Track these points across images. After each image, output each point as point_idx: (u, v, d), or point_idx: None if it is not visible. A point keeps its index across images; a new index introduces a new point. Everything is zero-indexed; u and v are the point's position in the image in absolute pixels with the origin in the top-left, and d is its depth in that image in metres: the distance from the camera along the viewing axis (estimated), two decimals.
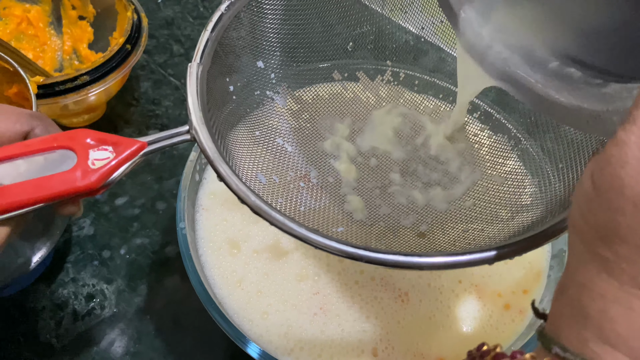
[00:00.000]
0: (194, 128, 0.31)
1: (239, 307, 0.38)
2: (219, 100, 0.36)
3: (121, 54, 0.51)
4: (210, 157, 0.30)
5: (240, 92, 0.39)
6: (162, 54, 0.67)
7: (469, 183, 0.39)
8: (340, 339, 0.37)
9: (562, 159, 0.35)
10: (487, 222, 0.36)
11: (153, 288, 0.50)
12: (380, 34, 0.45)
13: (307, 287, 0.40)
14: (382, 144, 0.42)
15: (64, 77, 0.48)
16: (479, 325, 0.39)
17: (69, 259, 0.51)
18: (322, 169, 0.41)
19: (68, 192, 0.28)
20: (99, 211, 0.54)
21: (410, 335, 0.38)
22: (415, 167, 0.42)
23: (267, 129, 0.41)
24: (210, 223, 0.42)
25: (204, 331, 0.47)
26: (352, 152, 0.42)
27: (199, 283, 0.36)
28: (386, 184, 0.40)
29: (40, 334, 0.47)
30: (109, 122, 0.61)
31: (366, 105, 0.45)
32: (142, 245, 0.52)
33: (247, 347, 0.35)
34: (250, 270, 0.40)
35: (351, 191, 0.39)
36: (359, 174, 0.41)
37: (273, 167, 0.38)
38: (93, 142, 0.29)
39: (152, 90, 0.64)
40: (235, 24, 0.36)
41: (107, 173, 0.29)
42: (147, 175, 0.57)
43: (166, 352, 0.46)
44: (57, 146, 0.29)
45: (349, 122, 0.44)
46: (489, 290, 0.40)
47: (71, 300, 0.49)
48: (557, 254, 0.41)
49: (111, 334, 0.47)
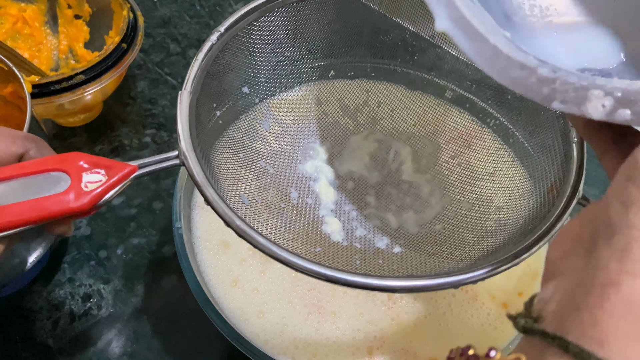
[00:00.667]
0: (183, 154, 0.32)
1: (235, 306, 0.38)
2: (206, 124, 0.38)
3: (117, 53, 0.51)
4: (198, 182, 0.31)
5: (225, 116, 0.41)
6: (158, 53, 0.67)
7: (438, 208, 0.41)
8: (335, 337, 0.37)
9: (524, 190, 0.38)
10: (455, 246, 0.38)
11: (150, 288, 0.50)
12: (355, 61, 0.48)
13: (302, 285, 0.40)
14: (359, 168, 0.44)
15: (60, 76, 0.48)
16: (476, 323, 0.39)
17: (66, 259, 0.51)
18: (302, 190, 0.43)
19: (61, 213, 0.29)
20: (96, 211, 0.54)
21: (404, 334, 0.38)
22: (389, 191, 0.43)
23: (250, 151, 0.43)
24: (205, 222, 0.42)
25: (201, 331, 0.47)
26: (331, 175, 0.44)
27: (195, 283, 0.36)
28: (362, 206, 0.42)
29: (37, 335, 0.47)
30: (105, 122, 0.60)
31: (345, 130, 0.47)
32: (138, 245, 0.52)
33: (243, 346, 0.34)
34: (246, 269, 0.40)
35: (329, 213, 0.41)
36: (336, 197, 0.43)
37: (256, 189, 0.40)
38: (86, 165, 0.30)
39: (148, 89, 0.64)
40: (223, 54, 0.38)
41: (99, 195, 0.30)
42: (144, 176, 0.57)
43: (163, 352, 0.46)
44: (51, 168, 0.30)
45: (329, 146, 0.46)
46: (484, 290, 0.40)
47: (68, 300, 0.49)
48: None
49: (108, 335, 0.47)
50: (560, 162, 0.35)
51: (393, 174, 0.45)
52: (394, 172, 0.45)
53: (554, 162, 0.36)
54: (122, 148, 0.59)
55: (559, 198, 0.33)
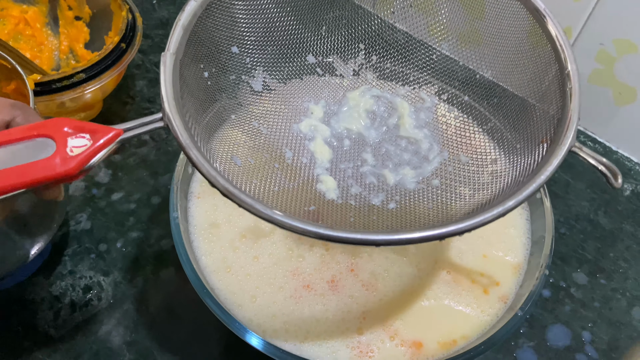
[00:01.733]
0: (167, 115, 0.32)
1: (230, 291, 0.40)
2: (194, 87, 0.37)
3: (116, 52, 0.53)
4: (182, 143, 0.31)
5: (215, 78, 0.40)
6: (157, 54, 0.69)
7: (436, 163, 0.41)
8: (326, 318, 0.39)
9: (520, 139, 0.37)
10: (451, 200, 0.37)
11: (149, 280, 0.51)
12: (352, 18, 0.46)
13: (292, 268, 0.41)
14: (356, 125, 0.44)
15: (61, 74, 0.50)
16: (464, 305, 0.40)
17: (67, 252, 0.52)
18: (296, 150, 0.42)
19: (48, 178, 0.30)
20: (96, 206, 0.55)
21: (392, 313, 0.39)
22: (387, 148, 0.43)
23: (242, 112, 0.42)
24: (201, 212, 0.44)
25: (198, 321, 0.48)
26: (326, 133, 0.43)
27: (191, 270, 0.38)
28: (358, 164, 0.42)
29: (39, 325, 0.48)
30: (105, 120, 0.62)
31: (340, 87, 0.46)
32: (137, 238, 0.54)
33: (238, 331, 0.36)
34: (239, 255, 0.41)
35: (324, 171, 0.40)
36: (332, 155, 0.42)
37: (248, 150, 0.39)
38: (71, 130, 0.31)
39: (147, 88, 0.65)
40: (207, 13, 0.37)
41: (85, 159, 0.30)
42: (143, 171, 0.58)
43: (162, 341, 0.48)
44: (37, 134, 0.31)
45: (324, 104, 0.45)
46: (466, 276, 0.41)
47: (69, 292, 0.50)
48: (538, 240, 0.42)
49: (108, 324, 0.48)
50: (556, 109, 0.35)
51: (391, 130, 0.44)
52: (392, 129, 0.44)
53: (546, 114, 0.36)
54: (121, 145, 0.60)
55: (550, 148, 0.33)
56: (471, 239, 0.43)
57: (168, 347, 0.47)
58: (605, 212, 0.58)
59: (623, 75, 0.58)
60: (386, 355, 0.37)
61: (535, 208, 0.44)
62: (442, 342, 0.38)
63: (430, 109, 0.45)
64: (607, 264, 0.54)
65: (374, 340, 0.38)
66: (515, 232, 0.44)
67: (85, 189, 0.57)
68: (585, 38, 0.58)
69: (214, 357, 0.47)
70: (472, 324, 0.39)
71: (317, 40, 0.46)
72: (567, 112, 0.34)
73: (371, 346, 0.38)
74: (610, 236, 0.56)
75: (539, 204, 0.43)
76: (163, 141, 0.61)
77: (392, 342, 0.38)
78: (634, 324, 0.51)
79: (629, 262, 0.55)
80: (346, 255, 0.42)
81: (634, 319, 0.51)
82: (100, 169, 0.58)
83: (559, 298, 0.52)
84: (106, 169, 0.58)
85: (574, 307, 0.51)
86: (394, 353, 0.37)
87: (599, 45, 0.58)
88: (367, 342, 0.38)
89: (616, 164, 0.62)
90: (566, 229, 0.57)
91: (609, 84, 0.60)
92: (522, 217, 0.45)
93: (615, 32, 0.56)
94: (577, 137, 0.66)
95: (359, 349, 0.37)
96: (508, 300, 0.40)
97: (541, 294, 0.52)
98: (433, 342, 0.38)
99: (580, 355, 0.49)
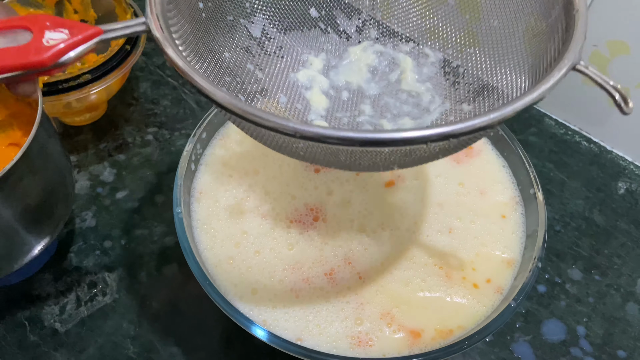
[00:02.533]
0: (148, 17, 0.31)
1: (231, 284, 0.41)
2: (186, 12, 0.35)
3: (121, 54, 0.54)
4: (159, 39, 0.30)
5: (210, 12, 0.38)
6: (160, 56, 0.70)
7: (437, 114, 0.39)
8: (325, 309, 0.40)
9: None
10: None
11: (152, 276, 0.52)
12: None
13: (291, 263, 0.42)
14: (355, 78, 0.42)
15: (67, 75, 0.51)
16: (459, 297, 0.41)
17: (72, 249, 0.54)
18: (291, 96, 0.40)
19: (21, 65, 0.30)
20: (101, 204, 0.57)
21: (389, 303, 0.40)
22: (387, 100, 0.42)
23: (238, 51, 0.40)
24: (203, 208, 0.45)
25: (201, 316, 0.50)
26: (325, 84, 0.42)
27: (194, 262, 0.39)
28: (355, 114, 0.40)
29: (45, 319, 0.49)
30: (109, 121, 0.63)
31: (342, 43, 0.45)
32: (141, 235, 0.55)
33: (242, 323, 0.37)
34: (241, 250, 0.42)
35: (319, 118, 0.39)
36: (329, 104, 0.41)
37: (240, 89, 0.38)
38: (50, 23, 0.31)
39: (150, 90, 0.67)
40: None
41: (61, 52, 0.30)
42: (147, 170, 0.60)
43: (165, 335, 0.49)
44: (16, 25, 0.31)
45: (324, 57, 0.44)
46: (457, 270, 0.42)
47: (74, 287, 0.51)
48: (531, 234, 0.43)
49: (112, 319, 0.49)
50: (561, 33, 0.33)
51: (392, 85, 0.43)
52: (393, 83, 0.43)
53: (554, 35, 0.34)
54: (125, 145, 0.62)
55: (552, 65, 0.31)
56: (465, 238, 0.44)
57: (171, 341, 0.48)
58: (600, 210, 0.59)
59: (617, 76, 0.60)
60: (385, 344, 0.38)
61: (529, 203, 0.45)
62: (440, 330, 0.39)
63: (435, 63, 0.43)
64: (602, 261, 0.55)
65: (373, 330, 0.39)
66: (509, 227, 0.45)
67: (90, 188, 0.58)
68: None
69: (216, 349, 0.48)
70: (469, 315, 0.40)
71: None
72: (571, 34, 0.31)
73: (370, 335, 0.39)
74: (605, 233, 0.57)
75: (532, 199, 0.44)
76: (166, 141, 0.62)
77: (390, 330, 0.39)
78: (628, 319, 0.52)
79: (623, 258, 0.56)
80: (343, 249, 0.43)
81: (628, 314, 0.52)
82: (105, 169, 0.59)
83: (554, 293, 0.53)
84: (111, 168, 0.60)
85: (569, 303, 0.52)
86: (392, 341, 0.38)
87: (593, 47, 0.59)
88: (366, 331, 0.39)
89: (611, 164, 0.63)
90: (561, 226, 0.58)
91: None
92: (516, 212, 0.46)
93: (608, 34, 0.58)
94: (572, 136, 0.67)
95: (358, 338, 0.38)
96: (504, 292, 0.41)
97: (537, 289, 0.53)
98: (430, 330, 0.39)
99: (575, 349, 0.50)
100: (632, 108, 0.30)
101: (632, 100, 0.61)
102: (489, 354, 0.49)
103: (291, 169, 0.48)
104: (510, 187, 0.47)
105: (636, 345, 0.50)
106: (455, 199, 0.47)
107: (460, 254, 0.43)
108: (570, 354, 0.49)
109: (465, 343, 0.36)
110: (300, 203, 0.45)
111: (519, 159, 0.47)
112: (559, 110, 0.67)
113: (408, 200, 0.46)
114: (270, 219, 0.44)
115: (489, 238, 0.44)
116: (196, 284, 0.40)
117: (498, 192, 0.47)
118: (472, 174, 0.48)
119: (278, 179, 0.47)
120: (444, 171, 0.48)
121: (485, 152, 0.50)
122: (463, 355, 0.49)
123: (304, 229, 0.44)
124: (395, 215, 0.45)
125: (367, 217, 0.45)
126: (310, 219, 0.44)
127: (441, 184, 0.48)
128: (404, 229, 0.44)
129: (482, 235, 0.44)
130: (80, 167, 0.60)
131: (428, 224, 0.45)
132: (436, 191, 0.47)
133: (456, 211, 0.46)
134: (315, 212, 0.45)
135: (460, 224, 0.45)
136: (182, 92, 0.67)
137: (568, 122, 0.67)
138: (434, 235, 0.44)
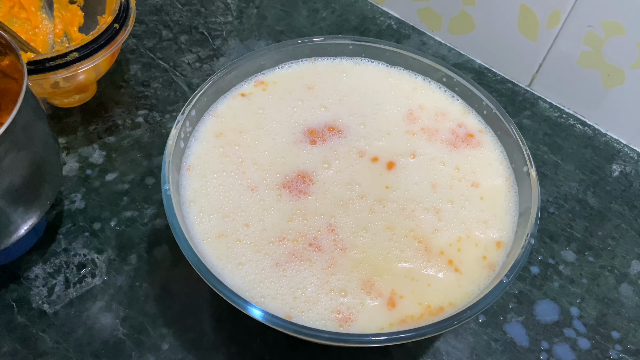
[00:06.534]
0: None
1: (217, 258, 0.40)
2: None
3: (109, 32, 0.53)
4: None
5: None
6: (151, 39, 0.69)
7: None
8: (312, 284, 0.39)
9: None
10: None
11: (142, 257, 0.52)
12: None
13: (278, 236, 0.42)
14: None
15: (54, 53, 0.50)
16: (443, 272, 0.41)
17: (61, 230, 0.53)
18: None
19: None
20: (90, 186, 0.56)
21: (375, 275, 0.40)
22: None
23: None
24: (192, 184, 0.44)
25: (191, 296, 0.49)
26: None
27: (182, 238, 0.38)
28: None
29: (33, 301, 0.49)
30: (99, 103, 0.63)
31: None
32: (131, 217, 0.54)
33: (227, 296, 0.36)
34: (228, 224, 0.42)
35: None
36: None
37: None
38: None
39: (141, 72, 0.66)
40: None
41: None
42: (137, 153, 0.59)
43: (155, 316, 0.48)
44: None
45: None
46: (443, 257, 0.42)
47: (63, 269, 0.51)
48: (524, 212, 0.43)
49: (102, 300, 0.49)
50: None
51: None
52: None
53: None
54: (115, 128, 0.61)
55: None
56: (453, 222, 0.44)
57: (161, 322, 0.48)
58: (594, 193, 0.59)
59: (611, 57, 0.59)
60: (368, 316, 0.38)
61: (522, 182, 0.44)
62: (430, 307, 0.39)
63: None
64: (596, 242, 0.55)
65: (355, 304, 0.39)
66: (502, 209, 0.44)
67: (79, 170, 0.57)
68: (574, 20, 0.59)
69: (206, 330, 0.47)
70: (459, 292, 0.39)
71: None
72: None
73: (356, 307, 0.38)
74: (599, 215, 0.57)
75: (526, 177, 0.43)
76: (157, 124, 0.61)
77: (374, 302, 0.39)
78: (622, 300, 0.51)
79: (617, 240, 0.55)
80: (325, 217, 0.43)
81: (622, 295, 0.52)
82: (95, 151, 0.59)
83: (547, 275, 0.53)
84: (100, 151, 0.59)
85: (563, 284, 0.52)
86: (377, 313, 0.38)
87: (587, 27, 0.59)
88: (349, 304, 0.39)
89: (605, 146, 0.63)
90: (555, 208, 0.57)
91: (597, 66, 0.61)
92: (510, 193, 0.45)
93: (603, 14, 0.57)
94: (566, 119, 0.66)
95: (345, 312, 0.38)
96: (496, 269, 0.41)
97: (530, 270, 0.53)
98: (414, 303, 0.39)
99: (568, 329, 0.49)
100: None
101: (627, 81, 0.61)
102: (481, 334, 0.48)
103: (284, 141, 0.47)
104: (505, 172, 0.46)
105: (630, 326, 0.50)
106: (449, 182, 0.46)
107: (445, 233, 0.43)
108: (563, 334, 0.49)
109: (457, 319, 0.36)
110: (293, 173, 0.45)
111: (513, 141, 0.46)
112: (553, 93, 0.66)
113: (400, 176, 0.46)
114: (260, 191, 0.44)
115: (479, 221, 0.44)
116: (186, 265, 0.39)
117: (493, 177, 0.46)
118: (469, 161, 0.47)
119: (269, 152, 0.47)
120: (441, 155, 0.48)
121: (486, 144, 0.49)
122: (456, 335, 0.48)
123: (295, 198, 0.43)
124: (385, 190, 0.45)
125: (357, 190, 0.44)
126: (303, 187, 0.44)
127: (437, 166, 0.47)
128: (392, 200, 0.44)
129: (470, 220, 0.44)
130: (70, 149, 0.59)
131: (416, 202, 0.44)
132: (431, 173, 0.46)
133: (449, 194, 0.45)
134: (306, 182, 0.44)
135: (450, 207, 0.44)
136: (173, 75, 0.66)
137: (562, 105, 0.66)
138: (420, 212, 0.44)
